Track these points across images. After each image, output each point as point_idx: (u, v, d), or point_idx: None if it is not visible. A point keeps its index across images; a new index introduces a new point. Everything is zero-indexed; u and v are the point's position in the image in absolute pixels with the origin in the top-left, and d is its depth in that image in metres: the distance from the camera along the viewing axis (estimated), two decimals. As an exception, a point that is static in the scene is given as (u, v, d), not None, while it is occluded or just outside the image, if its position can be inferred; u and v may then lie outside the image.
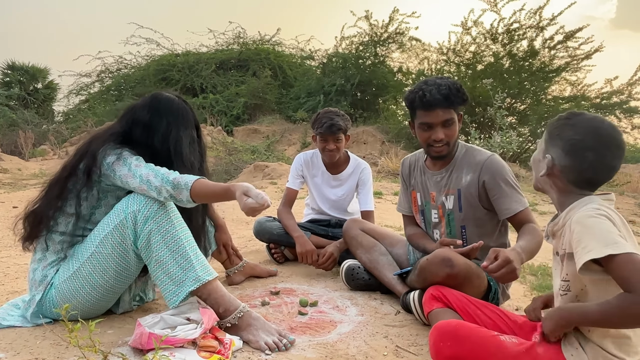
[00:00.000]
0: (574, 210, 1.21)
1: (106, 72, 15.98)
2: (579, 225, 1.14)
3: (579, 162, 1.20)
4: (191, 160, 1.77)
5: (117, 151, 1.65)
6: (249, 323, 1.58)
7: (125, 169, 1.62)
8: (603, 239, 1.08)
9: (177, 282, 1.57)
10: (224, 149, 9.50)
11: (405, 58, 12.34)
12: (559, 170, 1.24)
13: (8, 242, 3.15)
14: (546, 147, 1.28)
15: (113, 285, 1.67)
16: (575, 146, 1.20)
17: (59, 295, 1.65)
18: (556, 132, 1.25)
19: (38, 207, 1.71)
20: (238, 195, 1.51)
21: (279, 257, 2.66)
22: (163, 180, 1.58)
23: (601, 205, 1.18)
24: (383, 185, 5.96)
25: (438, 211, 1.94)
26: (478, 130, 8.59)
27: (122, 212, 1.61)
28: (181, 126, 1.77)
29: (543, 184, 1.31)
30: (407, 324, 1.80)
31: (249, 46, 15.44)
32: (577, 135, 1.20)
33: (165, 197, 1.58)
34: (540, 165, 1.29)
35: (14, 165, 9.31)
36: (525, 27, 9.28)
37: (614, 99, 8.98)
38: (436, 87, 1.79)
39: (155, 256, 1.58)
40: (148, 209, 1.59)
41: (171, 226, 1.60)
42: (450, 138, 1.84)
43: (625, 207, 5.60)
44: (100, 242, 1.62)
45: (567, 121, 1.25)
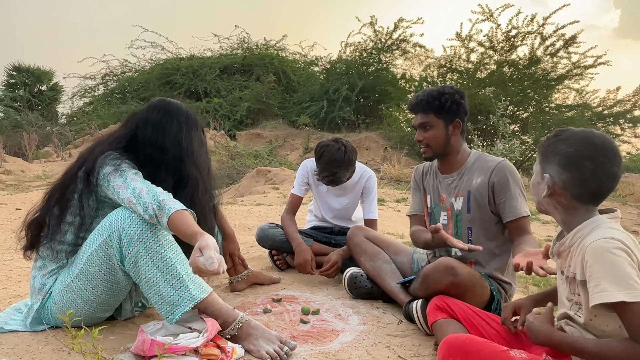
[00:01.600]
0: (583, 232, 1.19)
1: (110, 75, 16.09)
2: (593, 259, 1.11)
3: (580, 174, 1.18)
4: (203, 161, 1.78)
5: (116, 162, 1.62)
6: (248, 333, 1.57)
7: (120, 180, 1.58)
8: (617, 281, 1.07)
9: (170, 303, 1.53)
10: (227, 153, 9.53)
11: (409, 65, 12.38)
12: (560, 187, 1.21)
13: (11, 244, 3.16)
14: (542, 168, 1.26)
15: (105, 299, 1.64)
16: (571, 158, 1.19)
17: (56, 306, 1.64)
18: (549, 150, 1.24)
19: (39, 216, 1.70)
20: (195, 247, 1.41)
21: (282, 264, 2.66)
22: (153, 197, 1.52)
23: (613, 228, 1.16)
24: (385, 192, 5.96)
25: (447, 212, 1.96)
26: (481, 138, 8.59)
27: (106, 230, 1.56)
28: (192, 128, 1.77)
29: (547, 206, 1.28)
30: (410, 334, 1.79)
31: (253, 51, 15.52)
32: (571, 147, 1.19)
33: (150, 215, 1.51)
34: (540, 188, 1.27)
35: (17, 166, 9.35)
36: (524, 33, 9.31)
37: (616, 108, 8.98)
38: (421, 93, 1.94)
39: (145, 278, 1.53)
40: (132, 228, 1.53)
41: (159, 246, 1.54)
42: (429, 141, 1.92)
43: (629, 218, 5.59)
44: (87, 260, 1.58)
45: (557, 137, 1.24)
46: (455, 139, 1.92)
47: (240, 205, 5.39)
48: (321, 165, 2.51)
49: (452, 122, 1.90)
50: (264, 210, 4.87)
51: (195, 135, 1.78)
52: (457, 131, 1.91)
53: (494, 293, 1.76)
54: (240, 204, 5.48)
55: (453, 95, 1.88)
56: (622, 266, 1.08)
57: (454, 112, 1.89)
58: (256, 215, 4.57)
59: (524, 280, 2.63)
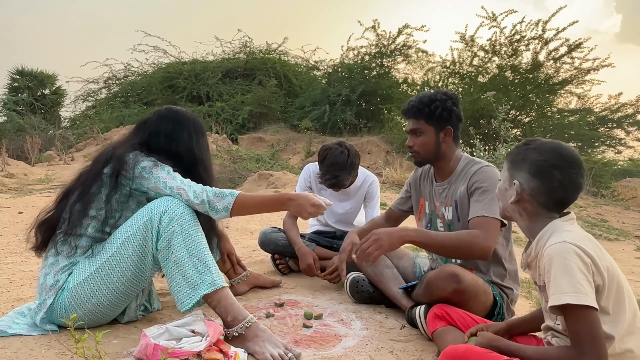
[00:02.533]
0: (543, 239, 1.23)
1: (113, 78, 16.13)
2: (549, 264, 1.16)
3: (548, 182, 1.22)
4: (210, 165, 1.91)
5: (152, 158, 1.74)
6: (255, 334, 1.58)
7: (164, 172, 1.71)
8: (566, 284, 1.10)
9: (192, 285, 1.59)
10: (229, 157, 9.54)
11: (411, 69, 12.40)
12: (528, 194, 1.25)
13: (14, 248, 3.17)
14: (511, 175, 1.30)
15: (128, 287, 1.69)
16: (541, 167, 1.23)
17: (72, 299, 1.66)
18: (520, 158, 1.28)
19: (53, 214, 1.75)
20: (307, 195, 1.74)
21: (284, 268, 2.66)
22: (203, 187, 1.70)
23: (568, 231, 1.20)
24: (387, 196, 5.95)
25: (441, 221, 1.97)
26: (483, 142, 8.59)
27: (147, 213, 1.66)
28: (200, 135, 1.89)
29: (512, 212, 1.31)
30: (413, 339, 1.79)
31: (256, 55, 15.56)
32: (542, 156, 1.24)
33: (200, 200, 1.67)
34: (507, 194, 1.31)
35: (20, 170, 9.37)
36: (528, 39, 9.31)
37: (619, 113, 8.97)
38: (413, 98, 1.94)
39: (174, 257, 1.61)
40: (174, 210, 1.64)
41: (194, 230, 1.65)
42: (419, 148, 1.92)
43: (631, 222, 5.56)
44: (122, 243, 1.65)
45: (528, 146, 1.28)
46: (447, 146, 1.91)
47: (242, 209, 5.38)
48: (324, 168, 2.52)
49: (443, 129, 1.88)
50: (266, 214, 4.87)
51: (203, 142, 1.91)
52: (449, 138, 1.90)
53: (496, 298, 1.76)
54: (242, 208, 5.47)
55: (444, 102, 1.86)
56: (571, 270, 1.11)
57: (445, 119, 1.87)
58: (258, 219, 4.57)
59: (527, 285, 2.63)
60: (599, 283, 1.13)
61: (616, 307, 1.15)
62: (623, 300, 1.16)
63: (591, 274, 1.12)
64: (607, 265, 1.15)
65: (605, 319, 1.12)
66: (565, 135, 9.09)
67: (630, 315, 1.17)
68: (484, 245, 1.70)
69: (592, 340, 1.08)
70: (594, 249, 1.16)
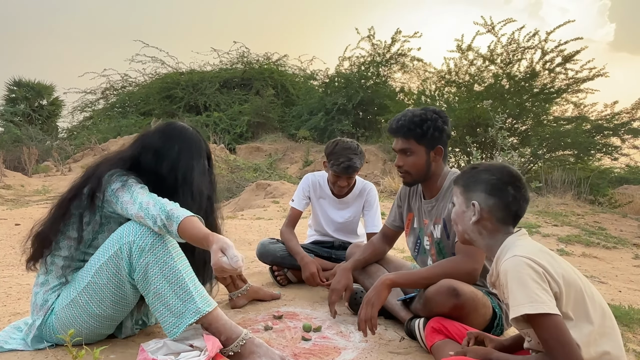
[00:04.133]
0: (500, 258, 1.27)
1: (111, 89, 16.18)
2: (505, 279, 1.21)
3: (504, 198, 1.31)
4: (201, 190, 1.75)
5: (123, 178, 1.64)
6: (252, 350, 1.57)
7: (127, 196, 1.59)
8: (522, 296, 1.14)
9: (176, 314, 1.53)
10: (227, 166, 9.54)
11: (407, 78, 12.48)
12: (487, 212, 1.33)
13: (10, 261, 3.15)
14: (467, 198, 1.37)
15: (111, 314, 1.64)
16: (495, 185, 1.32)
17: (59, 322, 1.63)
18: (472, 180, 1.37)
19: (43, 229, 1.70)
20: (214, 248, 1.43)
21: (282, 279, 2.65)
22: (160, 209, 1.53)
23: (520, 245, 1.25)
24: (385, 206, 5.96)
25: (428, 239, 1.97)
26: (479, 151, 8.61)
27: (116, 242, 1.57)
28: (194, 155, 1.76)
29: (472, 233, 1.37)
30: (412, 351, 1.78)
31: (253, 65, 15.63)
32: (494, 175, 1.33)
33: (159, 227, 1.52)
34: (466, 216, 1.37)
35: (17, 181, 9.35)
36: (524, 49, 9.39)
37: (614, 121, 9.01)
38: (401, 116, 1.89)
39: (153, 289, 1.54)
40: (143, 240, 1.55)
41: (169, 257, 1.56)
42: (409, 168, 1.90)
43: (629, 230, 5.57)
44: (95, 272, 1.59)
45: (476, 169, 1.38)
46: (436, 164, 1.90)
47: (240, 219, 5.38)
48: (337, 153, 2.50)
49: (434, 148, 1.87)
50: (264, 225, 4.86)
51: (197, 163, 1.76)
52: (439, 157, 1.89)
53: (495, 310, 1.76)
54: (240, 218, 5.47)
55: (435, 122, 1.84)
56: (525, 281, 1.15)
57: (436, 138, 1.86)
58: (256, 229, 4.56)
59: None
60: (555, 290, 1.17)
61: (578, 312, 1.18)
62: (584, 305, 1.19)
63: (546, 282, 1.16)
64: (561, 272, 1.19)
65: (569, 324, 1.15)
66: (562, 143, 9.14)
67: (598, 318, 1.19)
68: (469, 269, 1.72)
69: (560, 345, 1.12)
70: (545, 259, 1.20)
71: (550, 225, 5.29)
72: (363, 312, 1.75)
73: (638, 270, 3.87)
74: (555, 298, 1.15)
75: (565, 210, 6.44)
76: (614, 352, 1.18)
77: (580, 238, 4.71)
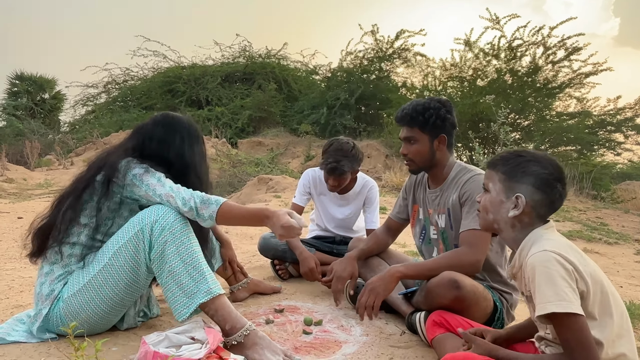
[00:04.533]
0: (525, 250, 1.24)
1: (113, 83, 16.16)
2: (532, 273, 1.17)
3: (552, 194, 1.24)
4: (202, 174, 1.86)
5: (144, 165, 1.72)
6: (254, 342, 1.58)
7: (154, 179, 1.68)
8: (550, 293, 1.11)
9: (188, 294, 1.57)
10: (228, 161, 9.54)
11: (410, 73, 12.43)
12: (530, 206, 1.25)
13: (13, 254, 3.16)
14: (508, 187, 1.27)
15: (122, 298, 1.67)
16: (546, 180, 1.24)
17: (67, 309, 1.65)
18: (519, 170, 1.26)
19: (48, 221, 1.73)
20: (282, 212, 1.64)
21: (284, 273, 2.66)
22: (192, 193, 1.66)
23: (548, 239, 1.21)
24: (387, 201, 5.96)
25: (435, 228, 1.98)
26: (482, 146, 8.59)
27: (138, 223, 1.63)
28: (194, 142, 1.86)
29: (503, 225, 1.30)
30: (413, 345, 1.79)
31: (255, 60, 15.59)
32: (545, 169, 1.25)
33: (189, 207, 1.63)
34: (503, 207, 1.28)
35: (19, 175, 9.37)
36: (528, 44, 9.34)
37: (618, 116, 8.97)
38: (407, 105, 1.92)
39: (168, 267, 1.59)
40: (165, 220, 1.62)
41: (186, 238, 1.62)
42: (413, 156, 1.92)
43: (631, 226, 5.56)
44: (113, 254, 1.63)
45: (524, 158, 1.27)
46: (441, 153, 1.91)
47: (242, 213, 5.38)
48: (328, 153, 2.52)
49: (437, 137, 1.89)
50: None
51: (197, 149, 1.87)
52: (443, 146, 1.90)
53: (496, 304, 1.76)
54: (241, 213, 5.47)
55: (438, 110, 1.86)
56: (554, 278, 1.12)
57: (439, 127, 1.88)
58: (258, 223, 4.56)
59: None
60: (582, 289, 1.14)
61: (602, 312, 1.17)
62: (609, 305, 1.18)
63: (574, 280, 1.13)
64: (589, 271, 1.17)
65: (592, 324, 1.13)
66: (565, 138, 9.11)
67: (618, 319, 1.18)
68: (472, 260, 1.73)
69: (581, 346, 1.10)
70: (575, 256, 1.17)
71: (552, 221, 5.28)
72: (364, 297, 1.75)
73: (639, 266, 3.87)
74: (582, 297, 1.13)
75: (568, 205, 6.43)
76: (630, 354, 1.17)
77: (582, 233, 4.70)
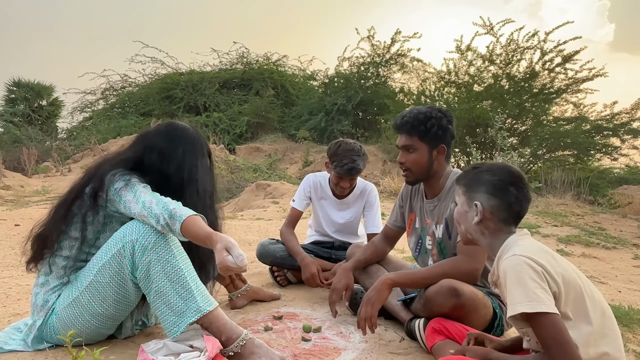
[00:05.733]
0: (501, 258, 1.28)
1: (110, 89, 16.18)
2: (504, 277, 1.21)
3: (506, 198, 1.32)
4: (205, 188, 1.77)
5: (126, 177, 1.64)
6: (251, 351, 1.57)
7: (131, 194, 1.60)
8: (520, 294, 1.15)
9: (177, 313, 1.54)
10: (226, 167, 9.54)
11: (407, 79, 12.49)
12: (489, 212, 1.34)
13: (10, 261, 3.15)
14: (469, 198, 1.38)
15: (113, 313, 1.64)
16: (497, 186, 1.33)
17: (59, 322, 1.63)
18: (474, 180, 1.38)
19: (44, 230, 1.70)
20: (219, 247, 1.43)
21: (282, 280, 2.65)
22: (163, 208, 1.54)
23: (520, 245, 1.26)
24: (385, 206, 5.95)
25: (430, 238, 1.97)
26: (479, 151, 8.61)
27: (119, 241, 1.58)
28: (198, 154, 1.78)
29: (474, 233, 1.38)
30: (412, 352, 1.78)
31: (253, 66, 15.64)
32: (495, 176, 1.34)
33: (162, 225, 1.53)
34: (468, 216, 1.38)
35: (16, 182, 9.34)
36: (523, 49, 9.40)
37: (614, 122, 9.02)
38: (407, 113, 1.90)
39: (155, 287, 1.55)
40: (146, 239, 1.55)
41: (171, 256, 1.57)
42: (411, 165, 1.90)
43: (629, 230, 5.57)
44: (98, 271, 1.59)
45: (478, 169, 1.39)
46: (438, 163, 1.90)
47: (240, 219, 5.38)
48: (341, 155, 2.49)
49: (437, 147, 1.87)
50: (264, 225, 4.86)
51: (201, 162, 1.79)
52: (441, 156, 1.89)
53: (496, 311, 1.76)
54: (240, 219, 5.47)
55: (440, 120, 1.84)
56: (523, 280, 1.16)
57: (439, 137, 1.86)
58: (256, 230, 4.56)
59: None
60: (554, 290, 1.17)
61: (577, 312, 1.18)
62: (584, 305, 1.19)
63: (545, 281, 1.16)
64: (561, 272, 1.20)
65: (567, 324, 1.15)
66: (561, 143, 9.14)
67: (598, 318, 1.19)
68: (470, 269, 1.73)
69: (559, 344, 1.12)
70: (545, 258, 1.21)
71: (550, 226, 5.28)
72: (363, 310, 1.75)
73: (638, 271, 3.87)
74: (554, 298, 1.16)
75: (565, 210, 6.44)
76: (614, 353, 1.18)
77: (580, 238, 4.71)
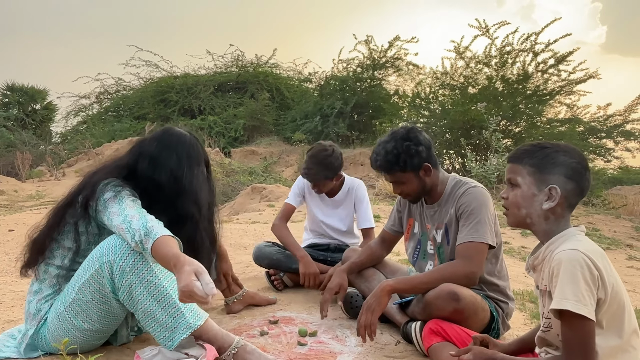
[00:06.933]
0: (554, 244, 1.24)
1: (105, 93, 16.14)
2: (558, 269, 1.16)
3: (582, 183, 1.25)
4: (199, 198, 1.72)
5: (118, 188, 1.59)
6: (244, 358, 1.55)
7: (116, 207, 1.54)
8: (570, 291, 1.12)
9: (169, 329, 1.51)
10: (222, 170, 9.52)
11: (402, 81, 12.53)
12: (563, 196, 1.24)
13: (4, 267, 3.12)
14: (539, 179, 1.26)
15: (100, 328, 1.61)
16: (576, 169, 1.24)
17: (50, 334, 1.61)
18: (547, 161, 1.26)
19: (39, 235, 1.68)
20: (187, 270, 1.27)
21: (279, 284, 2.64)
22: (142, 224, 1.45)
23: (581, 240, 1.22)
24: (381, 209, 5.96)
25: (432, 244, 1.98)
26: (474, 153, 8.65)
27: (96, 260, 1.52)
28: (193, 162, 1.72)
29: (536, 218, 1.27)
30: (408, 355, 1.78)
31: (247, 69, 15.64)
32: (573, 159, 1.25)
33: (136, 242, 1.44)
34: (536, 200, 1.26)
35: (10, 186, 9.28)
36: (517, 51, 9.47)
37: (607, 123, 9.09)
38: (376, 156, 1.92)
39: (141, 307, 1.51)
40: (123, 260, 1.49)
41: (153, 276, 1.51)
42: (406, 193, 1.96)
43: (623, 231, 5.61)
44: (79, 289, 1.55)
45: (550, 149, 1.27)
46: (431, 179, 1.93)
47: (236, 223, 5.36)
48: (307, 156, 2.60)
49: (420, 168, 1.90)
50: (260, 229, 4.85)
51: (198, 171, 1.73)
52: (430, 172, 1.91)
53: (493, 313, 1.76)
54: (235, 222, 5.45)
55: (409, 149, 1.85)
56: (577, 279, 1.12)
57: (417, 162, 1.88)
58: (252, 233, 4.55)
59: (521, 297, 2.63)
60: (601, 297, 1.14)
61: (611, 324, 1.17)
62: (621, 320, 1.18)
63: (596, 287, 1.13)
64: (612, 281, 1.17)
65: (598, 331, 1.14)
66: (555, 144, 9.19)
67: (627, 334, 1.18)
68: (468, 272, 1.73)
69: (582, 349, 1.11)
70: (603, 264, 1.17)
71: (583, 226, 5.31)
72: (363, 318, 1.75)
73: (632, 271, 3.90)
74: (597, 304, 1.14)
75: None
76: None
77: (575, 239, 4.72)
